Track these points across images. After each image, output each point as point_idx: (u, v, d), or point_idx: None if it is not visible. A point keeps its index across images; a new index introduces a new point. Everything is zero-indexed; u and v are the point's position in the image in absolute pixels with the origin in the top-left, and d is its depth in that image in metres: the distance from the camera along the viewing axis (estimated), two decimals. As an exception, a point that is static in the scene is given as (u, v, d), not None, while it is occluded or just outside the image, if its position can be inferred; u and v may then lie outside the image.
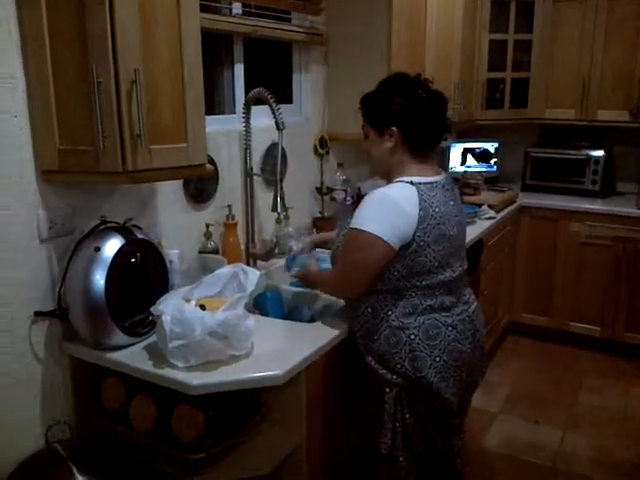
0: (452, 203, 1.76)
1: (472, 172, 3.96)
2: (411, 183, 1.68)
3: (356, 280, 1.74)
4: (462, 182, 3.64)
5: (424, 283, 1.70)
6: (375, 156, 1.80)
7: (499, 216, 3.44)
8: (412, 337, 1.69)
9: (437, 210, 1.67)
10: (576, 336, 3.85)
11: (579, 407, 3.22)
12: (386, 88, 1.77)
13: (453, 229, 1.72)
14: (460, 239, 1.80)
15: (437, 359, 1.69)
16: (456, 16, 3.40)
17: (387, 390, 1.72)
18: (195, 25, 1.64)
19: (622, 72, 3.70)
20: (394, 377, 1.71)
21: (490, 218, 3.34)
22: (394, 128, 1.72)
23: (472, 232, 3.00)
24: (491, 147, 4.27)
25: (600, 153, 3.90)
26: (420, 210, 1.64)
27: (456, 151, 4.20)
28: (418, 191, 1.66)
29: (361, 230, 1.66)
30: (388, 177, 1.78)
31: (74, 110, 1.53)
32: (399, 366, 1.70)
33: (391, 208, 1.65)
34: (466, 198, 3.48)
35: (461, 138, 4.24)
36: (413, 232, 1.64)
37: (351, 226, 1.70)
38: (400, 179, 1.71)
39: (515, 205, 3.80)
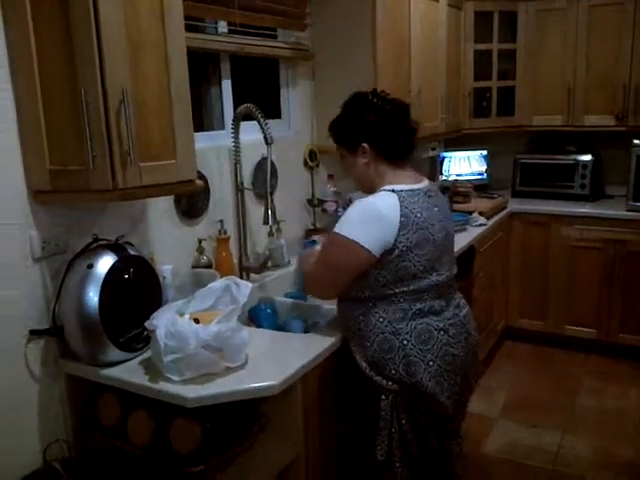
0: (437, 209, 1.80)
1: (462, 180, 4.01)
2: (392, 191, 1.73)
3: (326, 281, 1.81)
4: (452, 190, 3.67)
5: (411, 288, 1.72)
6: (354, 174, 1.88)
7: (490, 223, 3.48)
8: (405, 342, 1.71)
9: (419, 216, 1.71)
10: (572, 339, 3.87)
11: (577, 410, 3.23)
12: (348, 109, 1.86)
13: (438, 234, 1.76)
14: (446, 244, 1.82)
15: (431, 363, 1.71)
16: (440, 28, 3.46)
17: (383, 397, 1.74)
18: (181, 44, 1.67)
19: (606, 77, 3.76)
20: (389, 383, 1.73)
21: (481, 225, 3.37)
22: (365, 144, 1.79)
23: (463, 239, 3.04)
24: (480, 155, 4.32)
25: (588, 157, 3.95)
26: (401, 216, 1.68)
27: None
28: (399, 198, 1.71)
29: (340, 235, 1.72)
30: (371, 190, 1.82)
31: (63, 131, 1.55)
32: (394, 372, 1.72)
33: (372, 216, 1.70)
34: (456, 206, 3.51)
35: (450, 147, 4.29)
36: (395, 238, 1.67)
37: (333, 230, 1.76)
38: (383, 188, 1.75)
39: (506, 211, 3.84)
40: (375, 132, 1.78)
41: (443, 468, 1.86)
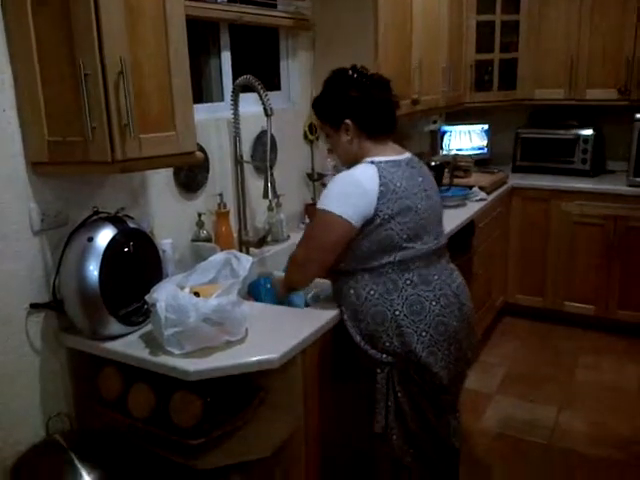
0: (420, 179, 1.83)
1: (463, 154, 3.98)
2: (372, 162, 1.76)
3: (315, 257, 1.83)
4: (453, 164, 3.65)
5: (397, 259, 1.75)
6: (339, 150, 1.90)
7: (490, 198, 3.46)
8: (397, 313, 1.73)
9: (399, 185, 1.74)
10: (571, 315, 3.88)
11: (575, 385, 3.26)
12: (330, 86, 1.87)
13: (421, 202, 1.78)
14: (431, 212, 1.83)
15: (423, 334, 1.73)
16: (442, -2, 3.40)
17: (378, 370, 1.76)
18: (179, 12, 1.64)
19: (610, 50, 3.71)
20: (384, 356, 1.75)
21: (481, 200, 3.36)
22: (348, 121, 1.81)
23: (463, 214, 3.03)
24: (481, 130, 4.28)
25: (589, 132, 3.92)
26: (380, 186, 1.71)
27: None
28: (378, 169, 1.74)
29: (324, 210, 1.75)
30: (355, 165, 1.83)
31: (62, 101, 1.52)
32: (388, 344, 1.73)
33: (351, 187, 1.74)
34: (457, 180, 3.49)
35: (451, 121, 4.25)
36: (374, 207, 1.71)
37: (317, 206, 1.79)
38: (363, 161, 1.79)
39: (506, 186, 3.82)
40: (358, 108, 1.80)
41: (441, 442, 1.88)
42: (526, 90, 4.03)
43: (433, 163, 3.29)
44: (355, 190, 1.72)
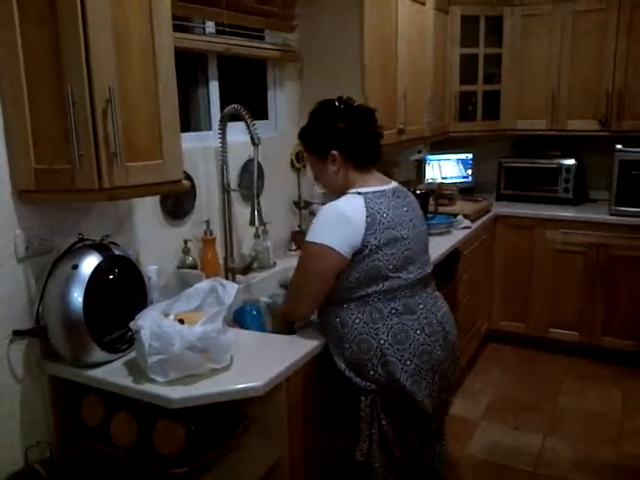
0: (405, 209, 1.84)
1: (447, 183, 4.03)
2: (358, 193, 1.78)
3: (309, 291, 1.83)
4: (437, 193, 3.69)
5: (383, 288, 1.76)
6: (325, 181, 1.92)
7: (474, 226, 3.50)
8: (382, 342, 1.73)
9: (385, 215, 1.75)
10: (555, 342, 3.91)
11: (559, 412, 3.26)
12: (318, 117, 1.89)
13: (407, 233, 1.80)
14: (417, 242, 1.85)
15: (408, 363, 1.73)
16: (427, 31, 3.47)
17: (362, 398, 1.76)
18: (168, 44, 1.67)
19: (590, 83, 3.80)
20: (368, 384, 1.75)
21: (465, 228, 3.39)
22: (335, 152, 1.82)
23: (448, 242, 3.06)
24: (466, 158, 4.35)
25: (571, 162, 3.99)
26: (367, 217, 1.73)
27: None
28: (365, 199, 1.76)
29: (313, 242, 1.76)
30: (341, 195, 1.85)
31: (49, 130, 1.54)
32: (372, 372, 1.74)
33: (339, 219, 1.75)
34: (441, 209, 3.54)
35: (436, 150, 4.32)
36: (362, 238, 1.72)
37: (306, 239, 1.79)
38: (349, 191, 1.81)
39: (490, 214, 3.86)
40: (345, 139, 1.82)
41: (426, 470, 1.87)
42: (509, 120, 4.10)
43: (418, 191, 3.33)
44: (342, 222, 1.73)
